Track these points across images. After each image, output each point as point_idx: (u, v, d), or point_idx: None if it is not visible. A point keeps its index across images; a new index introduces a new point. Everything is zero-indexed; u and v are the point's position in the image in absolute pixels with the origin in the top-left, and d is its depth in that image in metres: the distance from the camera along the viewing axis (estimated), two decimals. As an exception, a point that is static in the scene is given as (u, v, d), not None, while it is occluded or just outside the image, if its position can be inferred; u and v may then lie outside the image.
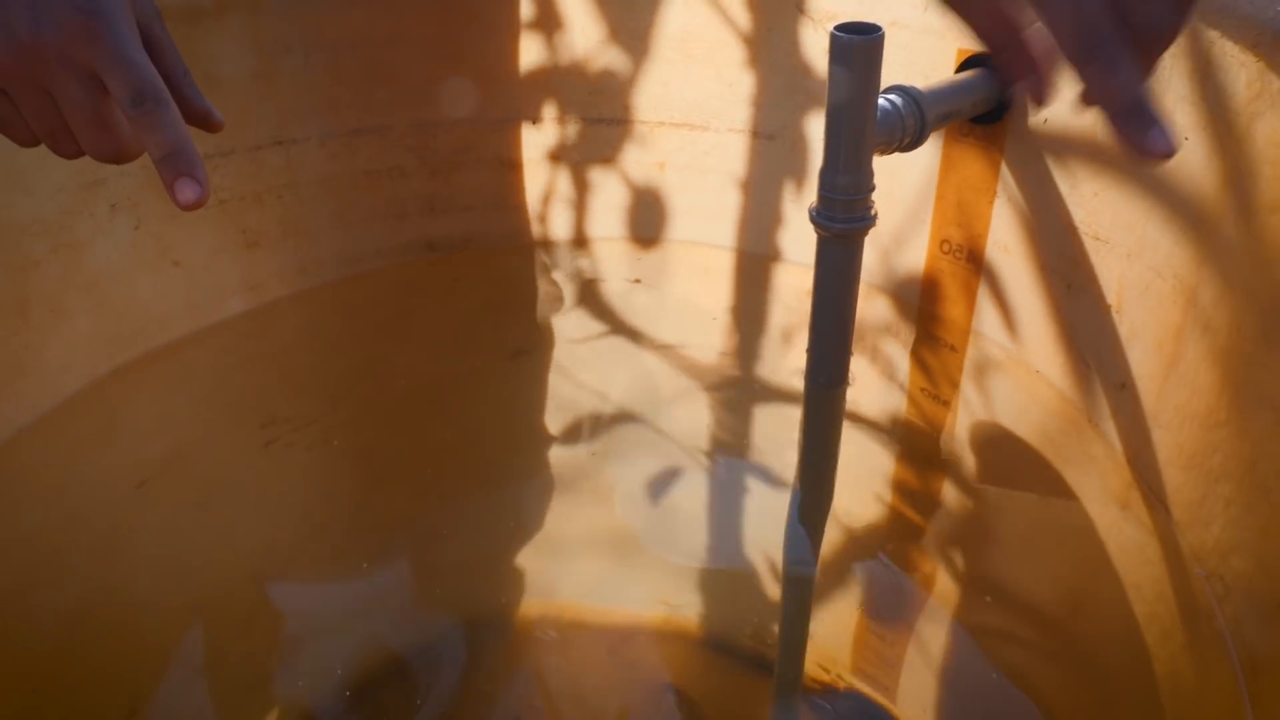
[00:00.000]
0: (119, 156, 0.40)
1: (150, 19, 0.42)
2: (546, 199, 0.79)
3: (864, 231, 0.56)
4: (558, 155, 0.77)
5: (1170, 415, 0.52)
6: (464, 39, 0.72)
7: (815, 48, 0.69)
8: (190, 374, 0.71)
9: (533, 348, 0.82)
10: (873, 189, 0.55)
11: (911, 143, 0.56)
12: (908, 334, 0.72)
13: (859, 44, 0.49)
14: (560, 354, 0.81)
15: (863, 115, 0.52)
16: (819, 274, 0.58)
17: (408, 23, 0.70)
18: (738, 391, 0.78)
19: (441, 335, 0.81)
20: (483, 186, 0.78)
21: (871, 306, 0.74)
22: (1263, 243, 0.43)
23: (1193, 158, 0.48)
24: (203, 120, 0.43)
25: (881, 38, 0.49)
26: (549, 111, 0.76)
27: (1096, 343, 0.58)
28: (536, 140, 0.77)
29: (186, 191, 0.37)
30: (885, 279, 0.73)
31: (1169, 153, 0.31)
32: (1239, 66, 0.45)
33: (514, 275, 0.82)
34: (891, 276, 0.72)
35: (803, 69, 0.71)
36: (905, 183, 0.68)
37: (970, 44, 0.61)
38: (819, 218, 0.55)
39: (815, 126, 0.72)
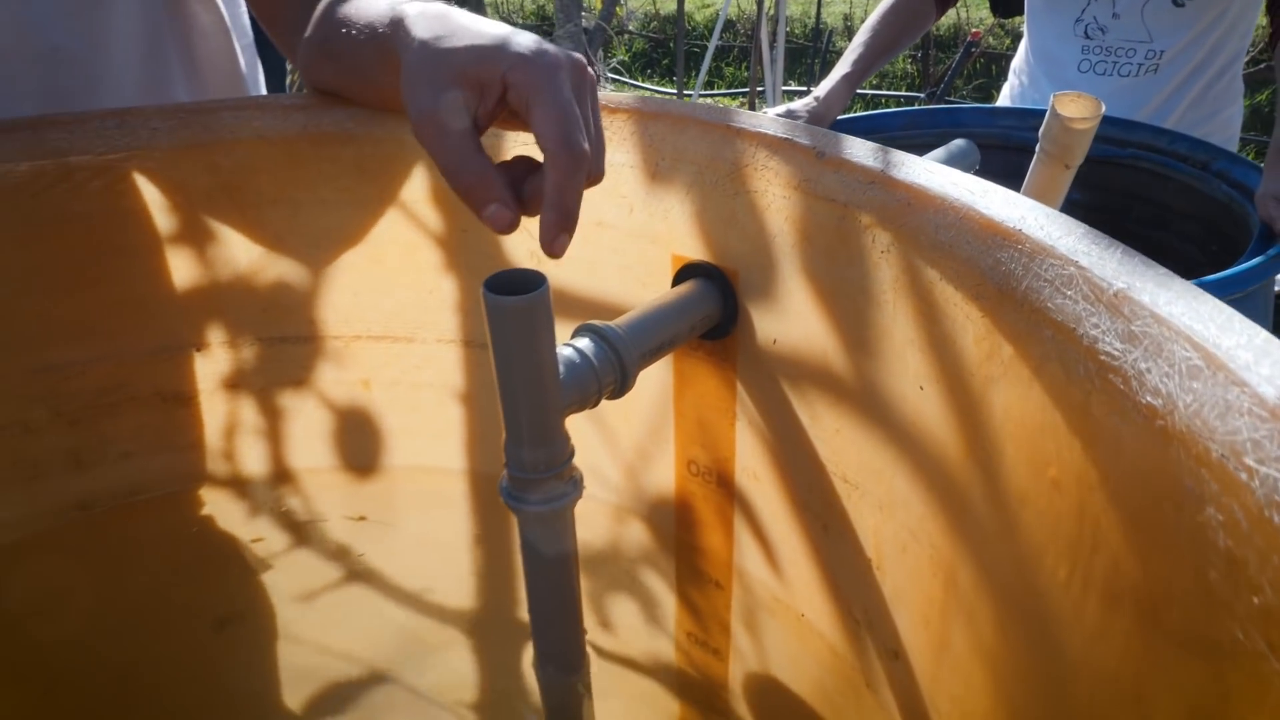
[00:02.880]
0: None
1: None
2: (230, 433, 0.65)
3: (569, 508, 0.45)
4: (235, 382, 0.64)
5: (948, 706, 0.43)
6: (95, 265, 0.58)
7: (518, 248, 0.59)
8: None
9: (245, 613, 0.67)
10: (570, 455, 0.44)
11: (615, 392, 0.46)
12: (668, 566, 0.61)
13: (516, 306, 0.39)
14: (282, 615, 0.67)
15: (540, 381, 0.41)
16: (527, 556, 0.47)
17: (13, 255, 0.55)
18: (497, 634, 0.66)
19: (117, 613, 0.65)
20: (144, 428, 0.63)
21: (627, 530, 0.63)
22: (1016, 540, 0.35)
23: (928, 409, 0.40)
24: None
25: (544, 294, 0.39)
26: (216, 335, 0.62)
27: (863, 598, 0.49)
28: (206, 368, 0.63)
29: None
30: (636, 500, 0.62)
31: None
32: (965, 319, 0.37)
33: (205, 526, 0.67)
34: (642, 498, 0.62)
35: (511, 271, 0.60)
36: (642, 395, 0.58)
37: (686, 251, 0.52)
38: (511, 500, 0.44)
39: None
